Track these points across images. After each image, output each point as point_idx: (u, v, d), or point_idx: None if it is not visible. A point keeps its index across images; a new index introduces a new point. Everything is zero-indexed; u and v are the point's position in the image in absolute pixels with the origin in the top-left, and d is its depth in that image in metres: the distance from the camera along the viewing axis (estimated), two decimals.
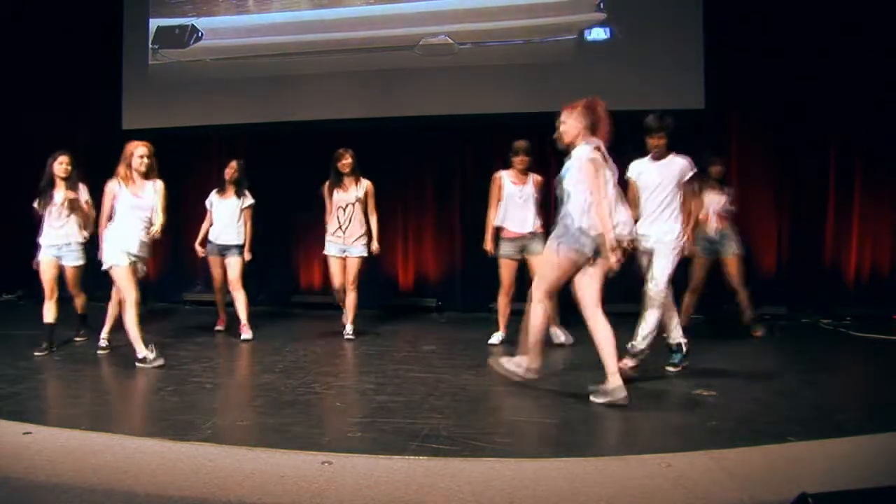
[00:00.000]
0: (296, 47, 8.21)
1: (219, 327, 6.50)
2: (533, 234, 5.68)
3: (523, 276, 5.76)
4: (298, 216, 8.53)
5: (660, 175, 4.70)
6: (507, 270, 5.76)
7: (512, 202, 5.72)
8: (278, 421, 3.67)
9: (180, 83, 8.52)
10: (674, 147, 7.55)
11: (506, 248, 5.74)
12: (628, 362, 4.56)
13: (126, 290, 5.03)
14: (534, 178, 5.78)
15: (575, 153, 4.14)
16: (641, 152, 4.91)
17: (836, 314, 6.78)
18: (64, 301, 5.64)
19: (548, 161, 7.86)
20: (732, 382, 4.40)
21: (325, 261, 8.45)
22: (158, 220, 5.10)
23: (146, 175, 5.13)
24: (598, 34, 7.55)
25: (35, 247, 5.57)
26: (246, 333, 6.11)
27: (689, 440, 3.37)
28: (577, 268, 4.05)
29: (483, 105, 7.78)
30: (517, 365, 4.28)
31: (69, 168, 5.47)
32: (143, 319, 5.24)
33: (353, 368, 5.23)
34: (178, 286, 8.51)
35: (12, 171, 8.79)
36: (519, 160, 5.72)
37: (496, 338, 5.89)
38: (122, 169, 5.13)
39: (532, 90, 7.61)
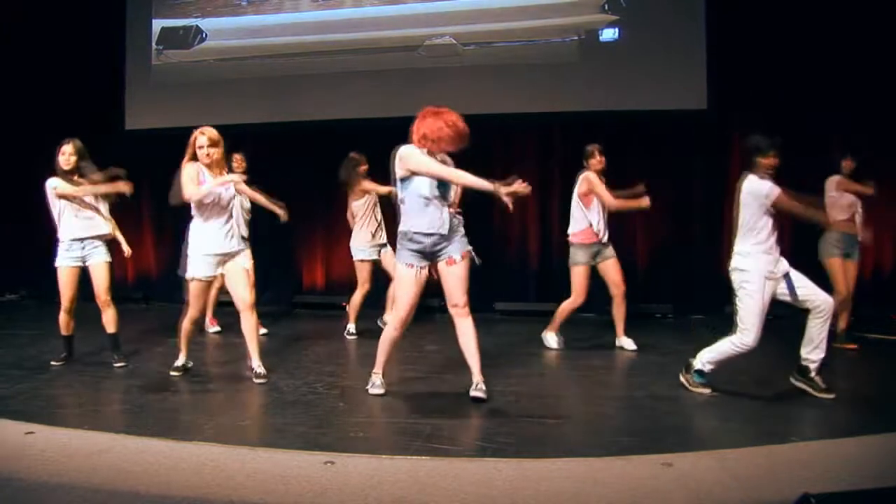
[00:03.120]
0: (300, 48, 8.23)
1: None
2: (607, 241, 5.64)
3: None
4: (301, 216, 8.52)
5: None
6: (584, 278, 5.58)
7: (601, 206, 5.60)
8: (281, 421, 3.67)
9: (184, 84, 8.54)
10: (678, 149, 7.58)
11: (583, 255, 5.58)
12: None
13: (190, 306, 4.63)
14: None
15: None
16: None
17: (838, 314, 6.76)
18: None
19: (552, 159, 7.91)
20: (734, 382, 4.40)
21: (330, 261, 8.54)
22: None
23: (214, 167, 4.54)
24: (611, 34, 7.56)
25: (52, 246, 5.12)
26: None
27: (691, 440, 3.37)
28: None
29: (486, 105, 7.77)
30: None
31: (73, 158, 4.84)
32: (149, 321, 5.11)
33: (356, 368, 5.23)
34: (180, 286, 8.51)
35: (14, 171, 8.82)
36: (597, 161, 5.60)
37: (551, 340, 5.79)
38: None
39: (536, 91, 7.63)
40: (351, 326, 6.34)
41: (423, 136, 4.05)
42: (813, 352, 4.19)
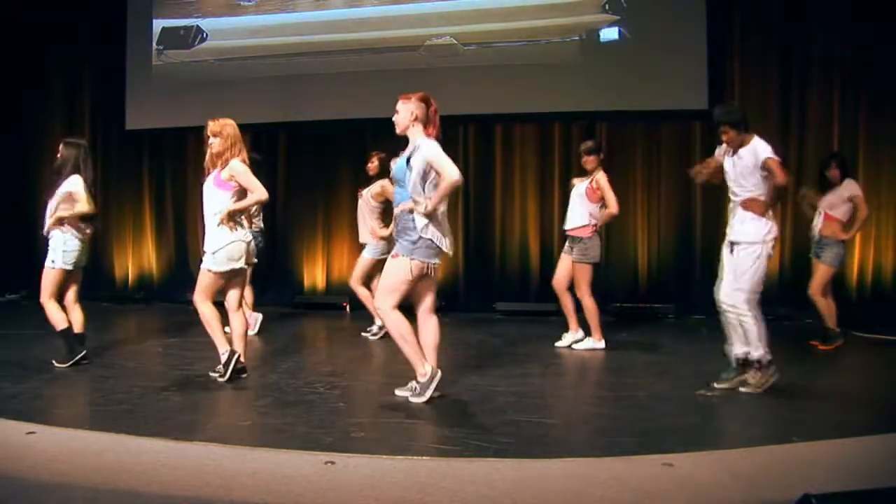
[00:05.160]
0: (300, 48, 8.23)
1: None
2: (573, 237, 5.60)
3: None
4: (302, 216, 8.54)
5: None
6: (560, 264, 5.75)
7: (571, 199, 5.72)
8: (281, 421, 3.67)
9: (184, 84, 8.54)
10: (678, 149, 7.55)
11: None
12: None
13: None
14: (592, 178, 5.59)
15: (423, 147, 3.95)
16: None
17: (840, 314, 6.75)
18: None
19: (552, 159, 7.91)
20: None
21: (331, 261, 8.55)
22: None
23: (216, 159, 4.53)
24: (611, 34, 7.55)
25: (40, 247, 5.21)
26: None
27: (692, 440, 3.36)
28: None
29: (487, 105, 7.79)
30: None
31: (57, 156, 4.94)
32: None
33: (356, 368, 5.23)
34: (182, 285, 8.52)
35: (16, 171, 8.83)
36: (583, 161, 5.67)
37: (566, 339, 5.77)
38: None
39: (536, 91, 7.63)
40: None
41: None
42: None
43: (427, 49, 7.93)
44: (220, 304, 4.54)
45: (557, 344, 5.71)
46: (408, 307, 4.07)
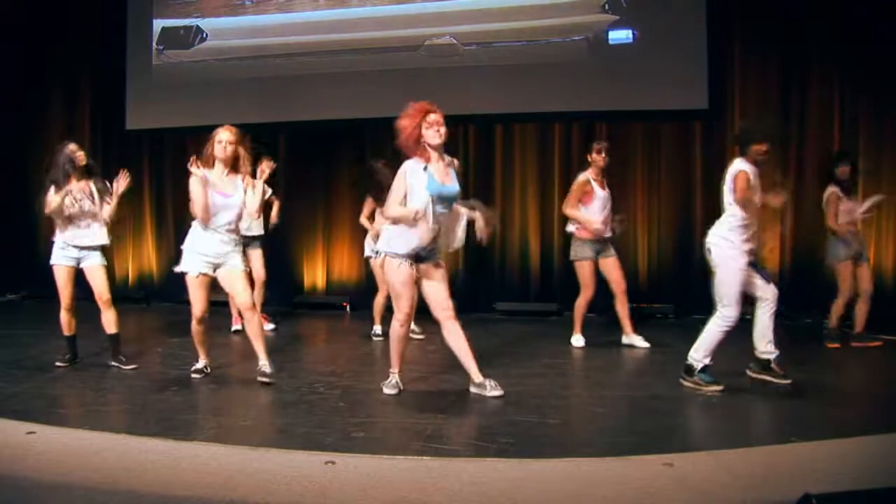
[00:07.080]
0: (300, 48, 8.22)
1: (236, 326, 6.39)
2: (608, 238, 5.74)
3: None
4: (302, 216, 8.54)
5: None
6: (591, 271, 5.74)
7: (601, 205, 5.71)
8: (282, 421, 3.68)
9: (184, 84, 8.54)
10: (678, 148, 7.54)
11: (587, 250, 5.70)
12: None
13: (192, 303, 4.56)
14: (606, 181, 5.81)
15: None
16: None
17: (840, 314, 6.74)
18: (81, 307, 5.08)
19: (552, 159, 7.90)
20: (735, 382, 4.39)
21: (331, 261, 8.55)
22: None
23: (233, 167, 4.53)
24: (622, 36, 7.53)
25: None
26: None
27: (692, 440, 3.37)
28: None
29: (487, 105, 7.79)
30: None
31: (74, 159, 4.84)
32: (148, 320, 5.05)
33: (357, 369, 5.23)
34: (181, 285, 8.50)
35: (14, 171, 8.83)
36: (602, 158, 5.69)
37: (578, 340, 5.83)
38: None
39: (536, 91, 7.62)
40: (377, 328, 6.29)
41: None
42: (769, 344, 4.41)
43: (427, 49, 7.93)
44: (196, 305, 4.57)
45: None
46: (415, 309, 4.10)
